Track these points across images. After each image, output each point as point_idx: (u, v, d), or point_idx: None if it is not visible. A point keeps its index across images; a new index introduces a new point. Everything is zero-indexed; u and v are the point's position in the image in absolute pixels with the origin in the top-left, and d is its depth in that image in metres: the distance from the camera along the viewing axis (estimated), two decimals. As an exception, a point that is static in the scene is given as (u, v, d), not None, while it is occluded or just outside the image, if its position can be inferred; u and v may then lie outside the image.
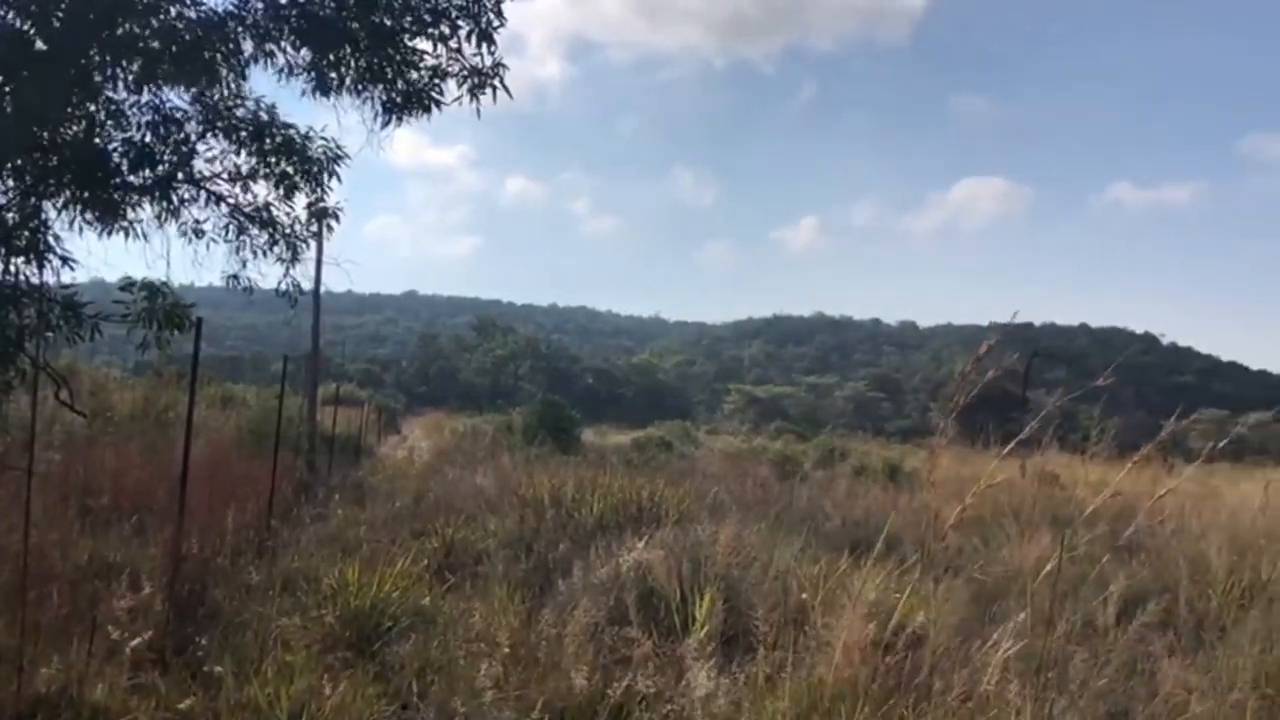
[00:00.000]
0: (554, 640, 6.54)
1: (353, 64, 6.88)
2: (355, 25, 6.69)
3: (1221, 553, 9.49)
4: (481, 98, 6.95)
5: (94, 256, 6.57)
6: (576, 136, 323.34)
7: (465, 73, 6.95)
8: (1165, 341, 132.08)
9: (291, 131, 7.21)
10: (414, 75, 7.00)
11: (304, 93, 7.03)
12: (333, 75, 6.90)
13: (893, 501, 14.84)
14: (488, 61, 6.91)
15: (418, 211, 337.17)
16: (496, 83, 6.95)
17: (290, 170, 7.24)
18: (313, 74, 6.91)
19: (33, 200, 6.19)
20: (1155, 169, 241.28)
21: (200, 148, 6.97)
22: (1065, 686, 4.70)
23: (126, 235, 6.79)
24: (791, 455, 28.99)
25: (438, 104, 7.06)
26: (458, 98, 7.03)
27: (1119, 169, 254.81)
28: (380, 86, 7.01)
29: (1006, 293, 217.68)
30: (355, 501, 14.19)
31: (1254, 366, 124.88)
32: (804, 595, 6.66)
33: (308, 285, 8.11)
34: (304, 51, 6.80)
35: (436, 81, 7.02)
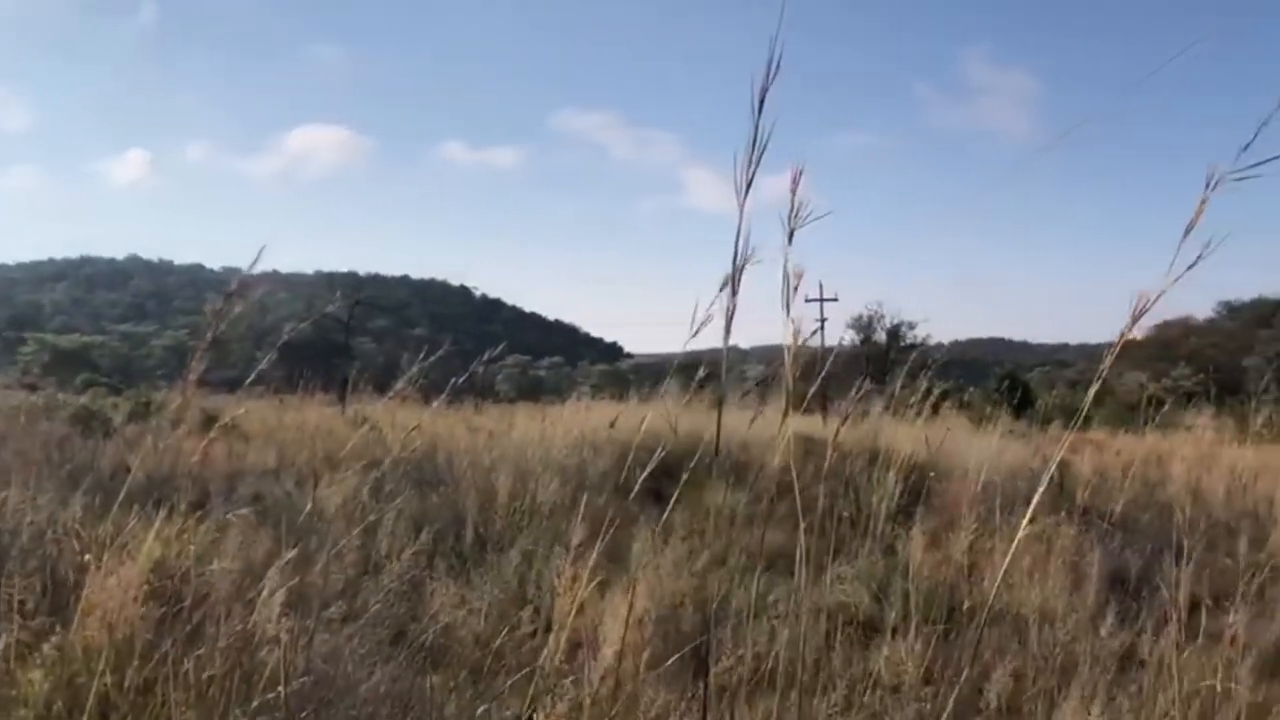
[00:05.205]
0: None
1: None
2: None
3: (506, 482, 10.57)
4: None
5: None
6: None
7: None
8: (478, 294, 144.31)
9: None
10: None
11: None
12: None
13: (205, 453, 14.24)
14: None
15: None
16: None
17: None
18: None
19: None
20: (485, 133, 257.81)
21: None
22: (351, 617, 4.90)
23: None
24: (99, 410, 26.42)
25: None
26: None
27: (454, 130, 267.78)
28: None
29: (339, 242, 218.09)
30: None
31: (550, 317, 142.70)
32: (86, 556, 6.09)
33: None
34: None
35: None
